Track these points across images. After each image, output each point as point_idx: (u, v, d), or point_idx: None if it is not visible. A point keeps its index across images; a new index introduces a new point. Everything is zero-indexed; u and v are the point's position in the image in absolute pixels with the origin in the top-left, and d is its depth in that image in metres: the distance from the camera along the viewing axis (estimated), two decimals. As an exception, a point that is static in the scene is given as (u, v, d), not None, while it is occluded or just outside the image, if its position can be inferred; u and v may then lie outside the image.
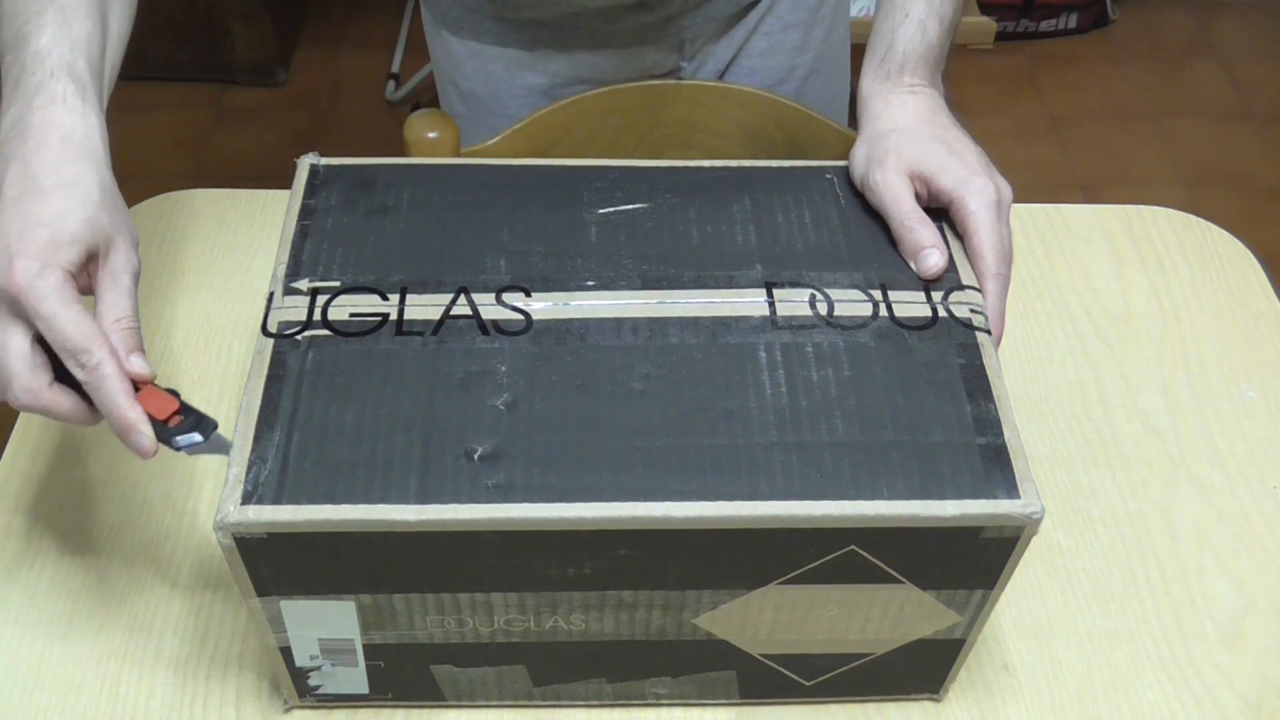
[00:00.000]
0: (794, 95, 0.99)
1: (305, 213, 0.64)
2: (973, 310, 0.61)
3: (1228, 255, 0.91)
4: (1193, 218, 0.94)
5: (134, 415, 0.54)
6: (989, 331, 0.60)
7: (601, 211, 0.65)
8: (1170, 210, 0.94)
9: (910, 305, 0.61)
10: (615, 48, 0.94)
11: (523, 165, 0.68)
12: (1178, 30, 2.33)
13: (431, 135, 0.91)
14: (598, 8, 0.89)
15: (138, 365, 0.55)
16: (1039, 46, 2.28)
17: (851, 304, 0.61)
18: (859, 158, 0.67)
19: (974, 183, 0.63)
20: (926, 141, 0.66)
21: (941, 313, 0.61)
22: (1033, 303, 0.87)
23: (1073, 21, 2.28)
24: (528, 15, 0.90)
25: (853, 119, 0.75)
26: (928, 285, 0.62)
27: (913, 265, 0.63)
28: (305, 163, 0.67)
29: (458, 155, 0.93)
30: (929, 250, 0.62)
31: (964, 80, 2.20)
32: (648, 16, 0.91)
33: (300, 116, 2.13)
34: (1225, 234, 0.93)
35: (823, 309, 0.60)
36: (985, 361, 0.58)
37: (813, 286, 0.61)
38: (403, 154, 0.96)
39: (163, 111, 2.12)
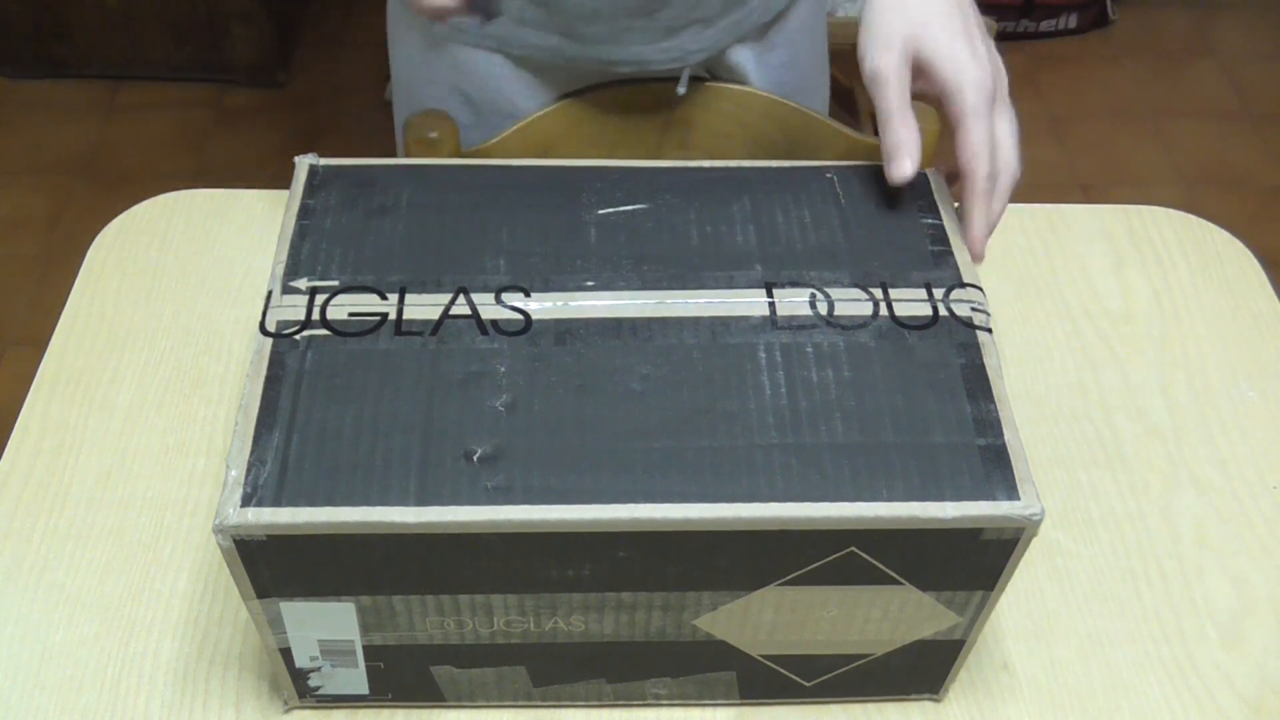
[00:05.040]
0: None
1: (304, 212, 0.64)
2: (974, 308, 0.61)
3: (1228, 255, 0.91)
4: (1193, 218, 0.94)
5: None
6: (990, 330, 0.60)
7: (601, 212, 0.65)
8: (1170, 210, 0.94)
9: (911, 304, 0.61)
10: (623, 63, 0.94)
11: (523, 165, 0.68)
12: (1178, 30, 2.33)
13: (432, 135, 0.91)
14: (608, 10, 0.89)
15: None
16: (1039, 46, 2.28)
17: (851, 303, 0.61)
18: (864, 31, 0.65)
19: (970, 72, 0.62)
20: (933, 22, 0.63)
21: (942, 311, 0.60)
22: (1033, 303, 0.87)
23: (1073, 21, 2.28)
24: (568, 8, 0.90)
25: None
26: (929, 283, 0.62)
27: (885, 167, 0.62)
28: (304, 163, 0.67)
29: (458, 155, 0.93)
30: (902, 159, 0.62)
31: (964, 80, 2.19)
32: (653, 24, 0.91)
33: (300, 116, 2.13)
34: (1225, 234, 0.93)
35: (823, 309, 0.60)
36: (986, 361, 0.58)
37: (812, 286, 0.61)
38: (402, 154, 0.96)
39: (163, 111, 2.12)
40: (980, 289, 0.62)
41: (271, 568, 0.54)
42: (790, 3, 0.96)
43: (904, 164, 0.63)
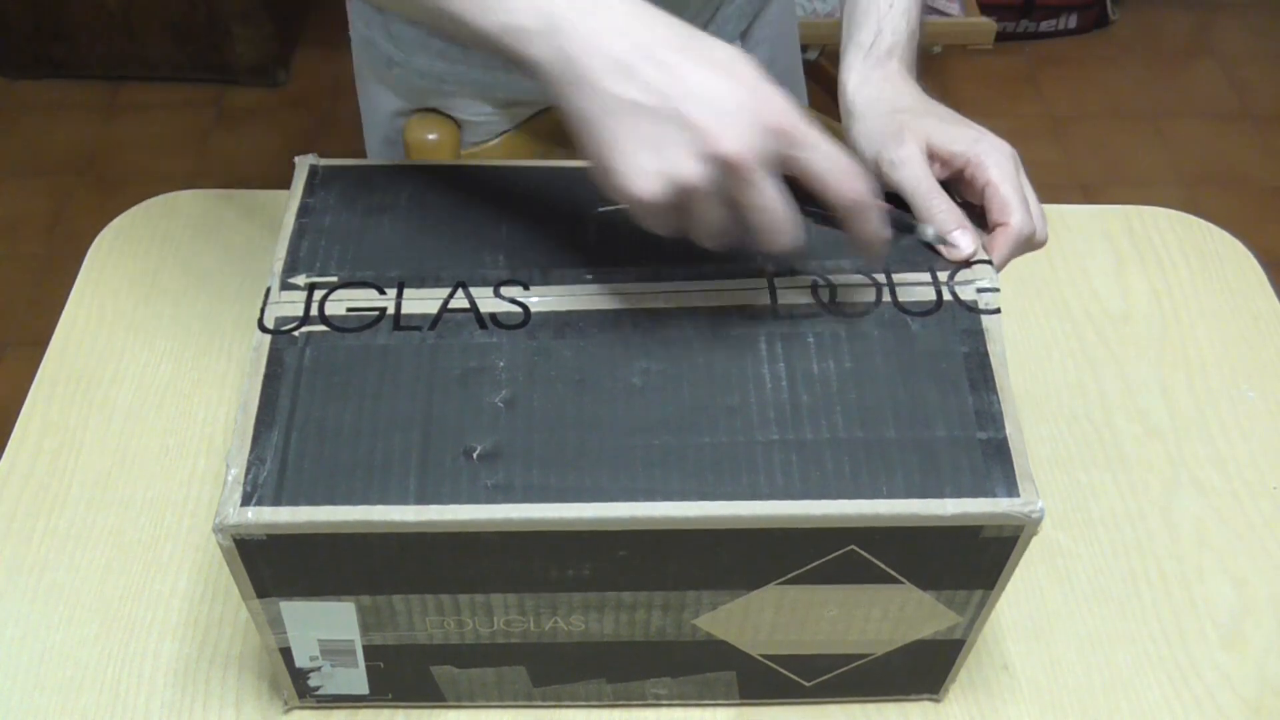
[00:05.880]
0: None
1: (304, 211, 0.64)
2: (980, 289, 0.60)
3: (1228, 255, 0.91)
4: (1193, 218, 0.94)
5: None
6: (997, 311, 0.60)
7: (601, 210, 0.65)
8: (1170, 210, 0.94)
9: (915, 289, 0.60)
10: None
11: (523, 166, 0.68)
12: (1178, 30, 2.33)
13: (431, 137, 0.91)
14: None
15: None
16: (1039, 47, 2.28)
17: (854, 289, 0.60)
18: (864, 137, 0.66)
19: (987, 141, 0.63)
20: (930, 116, 0.66)
21: (946, 295, 0.60)
22: (1033, 303, 0.87)
23: (1073, 22, 2.28)
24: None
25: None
26: (933, 266, 0.61)
27: (940, 249, 0.62)
28: (304, 163, 0.67)
29: (457, 157, 0.93)
30: (959, 231, 0.62)
31: (964, 80, 2.20)
32: None
33: (300, 116, 2.12)
34: (1225, 234, 0.93)
35: (825, 295, 0.60)
36: (990, 349, 0.58)
37: (814, 273, 0.61)
38: (402, 155, 0.96)
39: (163, 111, 2.12)
40: (989, 263, 0.61)
41: (271, 567, 0.54)
42: (762, 4, 0.96)
43: (962, 241, 0.62)
